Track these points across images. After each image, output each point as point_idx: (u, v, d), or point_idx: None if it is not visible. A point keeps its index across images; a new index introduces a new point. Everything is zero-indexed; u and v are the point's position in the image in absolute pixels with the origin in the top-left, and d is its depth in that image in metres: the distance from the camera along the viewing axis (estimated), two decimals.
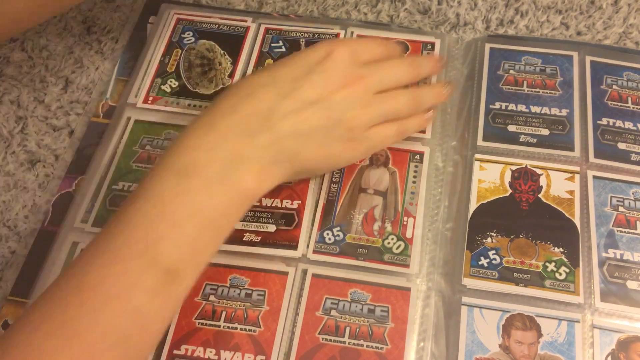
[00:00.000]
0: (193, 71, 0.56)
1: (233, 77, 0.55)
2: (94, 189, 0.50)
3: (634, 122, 0.51)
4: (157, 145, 0.52)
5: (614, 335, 0.43)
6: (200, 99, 0.54)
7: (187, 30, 0.58)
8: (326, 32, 0.57)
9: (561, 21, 0.57)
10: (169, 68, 0.56)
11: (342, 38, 0.50)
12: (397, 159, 0.50)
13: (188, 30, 0.59)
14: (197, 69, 0.56)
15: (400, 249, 0.46)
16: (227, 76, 0.55)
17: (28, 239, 0.49)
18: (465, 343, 0.43)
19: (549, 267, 0.45)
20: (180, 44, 0.58)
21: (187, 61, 0.56)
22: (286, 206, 0.48)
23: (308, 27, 0.58)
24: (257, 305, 0.44)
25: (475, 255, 0.46)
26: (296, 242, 0.47)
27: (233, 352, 0.43)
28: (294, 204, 0.48)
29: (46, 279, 0.46)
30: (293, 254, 0.46)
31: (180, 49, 0.57)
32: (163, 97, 0.54)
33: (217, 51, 0.57)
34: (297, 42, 0.57)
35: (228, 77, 0.55)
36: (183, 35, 0.58)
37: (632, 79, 0.53)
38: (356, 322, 0.44)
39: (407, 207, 0.48)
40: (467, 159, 0.50)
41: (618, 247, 0.46)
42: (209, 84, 0.55)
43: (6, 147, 0.53)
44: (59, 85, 0.57)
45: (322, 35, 0.57)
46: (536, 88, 0.53)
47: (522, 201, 0.48)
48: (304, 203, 0.48)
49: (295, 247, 0.46)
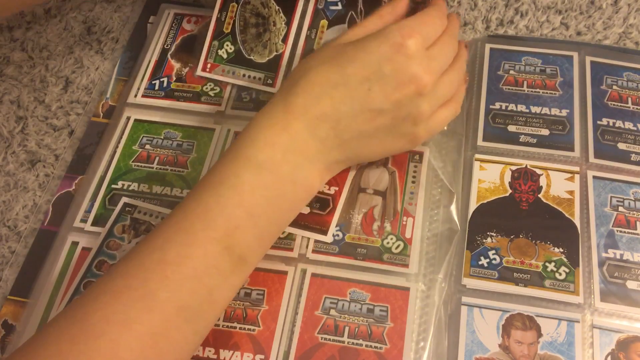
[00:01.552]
0: (248, 32, 0.53)
1: (287, 41, 0.53)
2: (94, 189, 0.50)
3: (634, 123, 0.51)
4: (156, 144, 0.52)
5: (613, 335, 0.42)
6: (255, 69, 0.53)
7: None
8: None
9: (561, 21, 0.57)
10: (225, 28, 0.54)
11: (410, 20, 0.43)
12: (396, 159, 0.50)
13: None
14: (252, 30, 0.53)
15: (400, 249, 0.46)
16: (280, 40, 0.53)
17: (28, 238, 0.49)
18: (465, 343, 0.43)
19: (548, 267, 0.45)
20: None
21: (242, 19, 0.53)
22: (323, 191, 0.48)
23: None
24: (256, 305, 0.44)
25: (475, 255, 0.46)
26: (327, 227, 0.47)
27: (232, 351, 0.43)
28: (331, 190, 0.48)
29: (46, 279, 0.46)
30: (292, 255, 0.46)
31: (236, 2, 0.54)
32: (220, 64, 0.53)
33: (272, 7, 0.53)
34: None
35: (282, 41, 0.53)
36: None
37: (632, 79, 0.53)
38: (355, 321, 0.44)
39: (407, 207, 0.48)
40: (467, 159, 0.50)
41: (618, 247, 0.46)
42: (263, 49, 0.53)
43: (6, 147, 0.54)
44: (59, 85, 0.57)
45: None
46: (536, 88, 0.53)
47: (522, 201, 0.48)
48: (341, 190, 0.48)
49: (326, 232, 0.46)
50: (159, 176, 0.50)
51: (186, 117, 0.53)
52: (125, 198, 0.49)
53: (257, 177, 0.40)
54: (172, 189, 0.50)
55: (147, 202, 0.49)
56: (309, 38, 0.53)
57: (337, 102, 0.42)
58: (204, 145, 0.52)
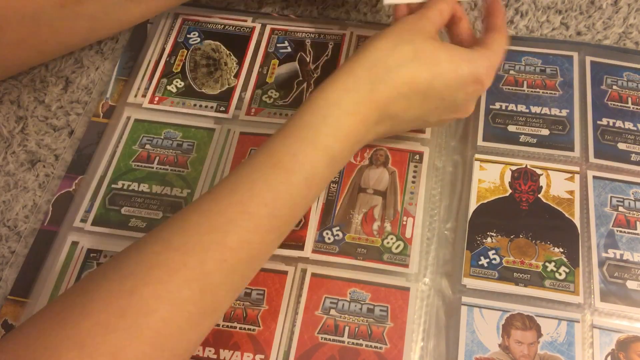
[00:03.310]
0: (199, 71, 0.56)
1: (239, 77, 0.55)
2: (94, 189, 0.50)
3: (634, 123, 0.51)
4: (156, 144, 0.52)
5: (613, 335, 0.43)
6: (206, 99, 0.54)
7: (192, 31, 0.59)
8: (331, 33, 0.57)
9: (561, 21, 0.57)
10: (174, 68, 0.56)
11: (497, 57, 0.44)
12: (396, 159, 0.50)
13: (193, 30, 0.59)
14: (202, 69, 0.56)
15: (400, 249, 0.46)
16: (232, 76, 0.55)
17: (28, 238, 0.49)
18: (465, 343, 0.43)
19: (548, 267, 0.45)
20: (186, 44, 0.58)
21: (192, 61, 0.57)
22: None
23: (312, 28, 0.58)
24: (257, 305, 0.44)
25: (475, 255, 0.46)
26: (303, 242, 0.47)
27: (232, 351, 0.43)
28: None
29: (46, 279, 0.46)
30: (298, 254, 0.46)
31: (186, 49, 0.57)
32: (169, 97, 0.54)
33: (222, 51, 0.57)
34: (303, 42, 0.57)
35: (234, 77, 0.55)
36: (189, 36, 0.58)
37: (632, 79, 0.53)
38: (355, 321, 0.44)
39: (407, 207, 0.48)
40: (467, 159, 0.50)
41: (618, 247, 0.46)
42: (215, 84, 0.55)
43: (6, 147, 0.53)
44: (59, 85, 0.57)
45: (328, 36, 0.57)
46: (536, 88, 0.53)
47: (522, 201, 0.48)
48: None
49: (302, 247, 0.46)
50: (159, 176, 0.50)
51: (186, 117, 0.53)
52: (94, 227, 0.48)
53: (328, 170, 0.40)
54: (172, 189, 0.50)
55: (145, 202, 0.49)
56: (261, 73, 0.56)
57: (410, 106, 0.42)
58: (204, 145, 0.52)
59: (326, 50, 0.56)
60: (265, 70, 0.56)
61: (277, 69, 0.56)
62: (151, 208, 0.49)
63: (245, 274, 0.38)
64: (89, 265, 0.46)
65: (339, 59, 0.56)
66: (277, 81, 0.55)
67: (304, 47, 0.57)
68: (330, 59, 0.56)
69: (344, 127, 0.40)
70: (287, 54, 0.57)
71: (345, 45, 0.56)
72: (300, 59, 0.56)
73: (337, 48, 0.56)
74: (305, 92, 0.54)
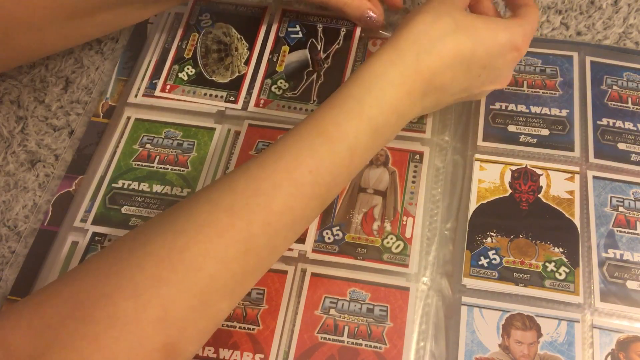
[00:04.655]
0: (210, 57, 0.56)
1: (249, 64, 0.55)
2: (94, 189, 0.50)
3: (634, 123, 0.51)
4: (157, 143, 0.52)
5: (613, 335, 0.42)
6: (217, 88, 0.54)
7: (204, 12, 0.59)
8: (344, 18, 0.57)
9: (561, 21, 0.57)
10: (186, 54, 0.56)
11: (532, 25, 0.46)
12: (396, 159, 0.50)
13: (205, 12, 0.59)
14: (213, 55, 0.56)
15: (400, 249, 0.46)
16: (243, 63, 0.55)
17: (28, 238, 0.49)
18: (465, 343, 0.43)
19: (548, 267, 0.45)
20: (198, 27, 0.58)
21: (204, 46, 0.56)
22: None
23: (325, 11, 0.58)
24: (256, 304, 0.44)
25: (475, 255, 0.46)
26: (304, 236, 0.47)
27: (232, 350, 0.43)
28: None
29: (46, 279, 0.46)
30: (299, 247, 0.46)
31: (198, 32, 0.57)
32: (180, 85, 0.54)
33: (233, 35, 0.57)
34: (315, 27, 0.57)
35: (244, 64, 0.55)
36: (200, 18, 0.58)
37: (632, 79, 0.53)
38: (355, 321, 0.44)
39: (407, 206, 0.48)
40: (467, 159, 0.50)
41: (618, 247, 0.46)
42: (226, 71, 0.55)
43: (6, 147, 0.54)
44: (59, 85, 0.57)
45: (340, 21, 0.57)
46: (536, 88, 0.53)
47: (522, 201, 0.48)
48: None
49: (303, 240, 0.46)
50: (159, 175, 0.50)
51: (187, 117, 0.53)
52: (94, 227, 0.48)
53: (371, 141, 0.41)
54: (173, 188, 0.50)
55: (145, 201, 0.49)
56: (271, 61, 0.55)
57: (455, 77, 0.43)
58: (204, 144, 0.52)
59: (337, 38, 0.56)
60: (276, 58, 0.55)
61: (288, 57, 0.56)
62: (151, 207, 0.49)
63: (287, 237, 0.40)
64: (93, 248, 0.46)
65: (350, 48, 0.56)
66: (287, 70, 0.55)
67: (315, 33, 0.57)
68: (341, 47, 0.56)
69: (388, 98, 0.41)
70: (298, 40, 0.56)
71: (358, 31, 0.56)
72: (311, 46, 0.56)
73: (349, 35, 0.56)
74: (314, 83, 0.54)
